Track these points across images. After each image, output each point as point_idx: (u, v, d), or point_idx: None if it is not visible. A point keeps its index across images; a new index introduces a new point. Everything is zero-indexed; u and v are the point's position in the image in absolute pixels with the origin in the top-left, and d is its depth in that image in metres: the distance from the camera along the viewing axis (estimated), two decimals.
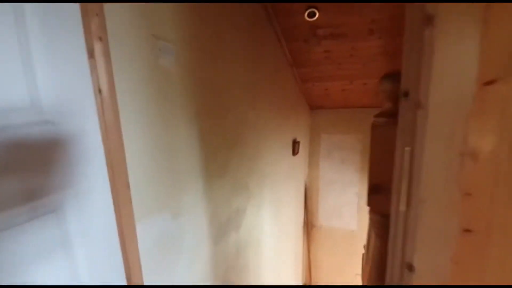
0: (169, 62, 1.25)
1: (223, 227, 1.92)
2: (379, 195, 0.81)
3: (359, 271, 3.86)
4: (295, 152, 3.35)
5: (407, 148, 0.51)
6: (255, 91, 2.28)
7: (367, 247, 1.14)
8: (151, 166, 1.24)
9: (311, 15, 2.21)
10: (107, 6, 0.97)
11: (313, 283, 4.18)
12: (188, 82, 1.46)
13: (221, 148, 1.83)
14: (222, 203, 1.89)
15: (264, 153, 2.54)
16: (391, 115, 0.80)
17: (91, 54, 0.95)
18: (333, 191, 3.88)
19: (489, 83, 0.44)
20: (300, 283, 4.18)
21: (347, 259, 3.91)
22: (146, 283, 1.20)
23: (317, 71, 3.03)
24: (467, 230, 0.45)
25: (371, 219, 0.84)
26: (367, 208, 3.21)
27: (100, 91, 0.97)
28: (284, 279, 3.46)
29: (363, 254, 2.88)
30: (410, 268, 0.52)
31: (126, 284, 1.08)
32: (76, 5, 0.88)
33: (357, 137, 3.57)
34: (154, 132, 1.25)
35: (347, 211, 3.81)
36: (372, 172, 0.77)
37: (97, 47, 0.96)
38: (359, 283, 3.70)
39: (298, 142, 3.39)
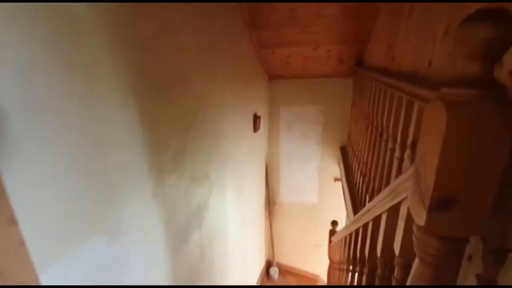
0: None
1: (182, 231, 1.53)
2: (450, 212, 0.50)
3: (320, 241, 3.94)
4: (256, 128, 3.02)
5: None
6: (211, 57, 1.80)
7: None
8: (62, 176, 0.76)
9: None
10: None
11: (276, 258, 4.18)
12: (116, 38, 0.94)
13: (173, 133, 1.37)
14: (179, 203, 1.47)
15: (225, 133, 2.14)
16: (485, 85, 0.48)
17: None
18: (294, 165, 3.74)
19: None
20: (263, 260, 4.13)
21: (308, 231, 3.95)
22: None
23: (278, 35, 2.63)
24: None
25: (421, 241, 0.55)
26: (327, 180, 3.09)
27: None
28: (250, 261, 3.30)
29: (330, 231, 2.83)
30: None
31: None
32: None
33: (318, 108, 3.39)
34: (62, 119, 0.74)
35: (308, 185, 3.75)
36: (441, 178, 0.45)
37: None
38: (321, 254, 3.78)
39: (259, 117, 3.05)
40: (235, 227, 2.60)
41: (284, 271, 4.18)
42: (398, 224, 0.75)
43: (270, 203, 3.93)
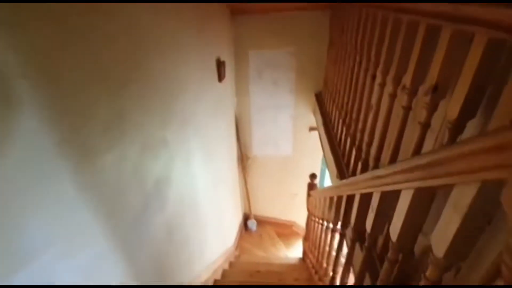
0: None
1: (137, 220, 1.22)
2: None
3: (296, 191, 3.92)
4: (221, 76, 2.56)
5: None
6: None
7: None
8: None
9: None
10: None
11: (253, 211, 4.16)
12: None
13: (100, 90, 0.94)
14: (126, 186, 1.12)
15: (183, 85, 1.70)
16: None
17: None
18: (266, 117, 3.43)
19: None
20: (240, 215, 4.09)
21: (284, 182, 3.88)
22: None
23: None
24: None
25: None
26: (302, 130, 2.88)
27: None
28: (227, 219, 3.19)
29: (309, 184, 2.71)
30: None
31: None
32: None
33: (290, 51, 2.96)
34: None
35: (282, 136, 3.52)
36: None
37: None
38: (297, 203, 3.80)
39: (223, 63, 2.57)
40: (207, 191, 2.35)
41: (261, 221, 4.23)
42: (447, 216, 0.50)
43: (243, 158, 3.71)
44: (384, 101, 1.24)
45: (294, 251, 3.77)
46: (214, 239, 2.68)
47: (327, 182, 3.59)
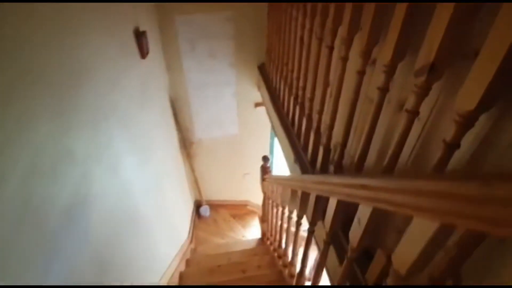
0: None
1: (43, 275, 0.85)
2: None
3: (247, 170, 3.77)
4: (144, 51, 2.05)
5: None
6: None
7: None
8: None
9: None
10: None
11: (205, 196, 3.88)
12: None
13: None
14: (12, 233, 0.73)
15: (89, 68, 1.23)
16: None
17: None
18: (207, 97, 3.03)
19: None
20: (191, 205, 3.78)
21: (233, 163, 3.65)
22: None
23: None
24: None
25: None
26: (247, 107, 2.63)
27: None
28: (177, 213, 2.88)
29: (262, 166, 2.54)
30: None
31: None
32: None
33: (226, 16, 2.56)
34: None
35: (227, 116, 3.20)
36: None
37: None
38: (249, 182, 3.67)
39: (144, 33, 2.04)
40: (148, 193, 1.98)
41: (215, 206, 4.02)
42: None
43: (186, 144, 3.32)
44: (348, 79, 1.05)
45: (251, 230, 3.72)
46: (165, 242, 2.38)
47: (278, 157, 3.51)
